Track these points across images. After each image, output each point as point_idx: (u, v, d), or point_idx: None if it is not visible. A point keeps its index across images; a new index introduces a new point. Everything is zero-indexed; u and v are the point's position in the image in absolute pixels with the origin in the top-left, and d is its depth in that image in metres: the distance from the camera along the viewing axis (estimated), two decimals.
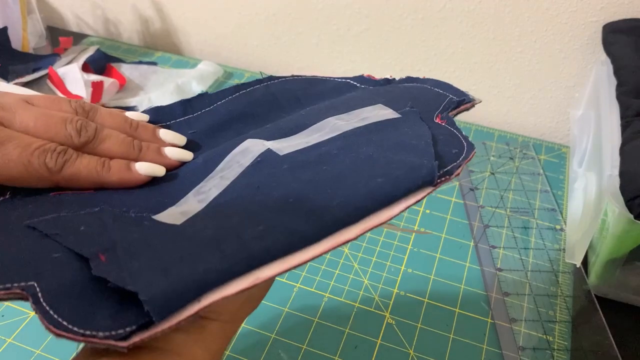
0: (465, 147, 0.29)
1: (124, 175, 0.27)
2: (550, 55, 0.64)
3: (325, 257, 0.51)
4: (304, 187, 0.25)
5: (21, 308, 0.47)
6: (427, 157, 0.27)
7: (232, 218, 0.24)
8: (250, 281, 0.21)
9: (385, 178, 0.25)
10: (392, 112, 0.33)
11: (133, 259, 0.21)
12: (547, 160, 0.63)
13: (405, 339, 0.45)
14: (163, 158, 0.29)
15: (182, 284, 0.20)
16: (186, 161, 0.30)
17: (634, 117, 0.48)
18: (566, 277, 0.50)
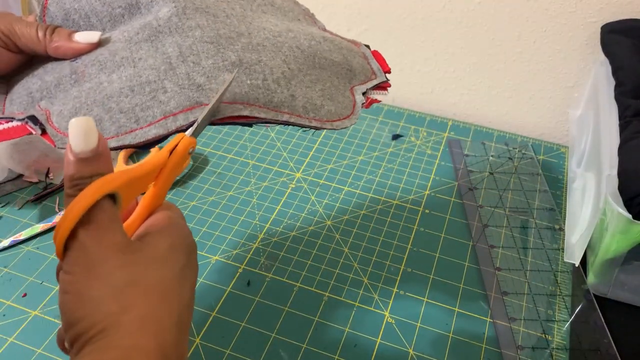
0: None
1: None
2: (549, 56, 0.64)
3: (325, 257, 0.52)
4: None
5: (22, 308, 0.47)
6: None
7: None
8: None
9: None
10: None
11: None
12: (546, 160, 0.64)
13: (405, 338, 0.45)
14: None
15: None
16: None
17: (632, 117, 0.49)
18: (565, 276, 0.50)
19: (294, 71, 0.36)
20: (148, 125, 0.30)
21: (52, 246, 0.52)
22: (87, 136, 0.25)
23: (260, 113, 0.32)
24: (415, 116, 0.70)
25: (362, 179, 0.60)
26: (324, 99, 0.36)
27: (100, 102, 0.31)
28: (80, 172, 0.25)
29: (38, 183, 0.59)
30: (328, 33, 0.43)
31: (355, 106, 0.38)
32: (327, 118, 0.36)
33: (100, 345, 0.23)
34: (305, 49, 0.37)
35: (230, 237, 0.53)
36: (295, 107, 0.34)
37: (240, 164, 0.62)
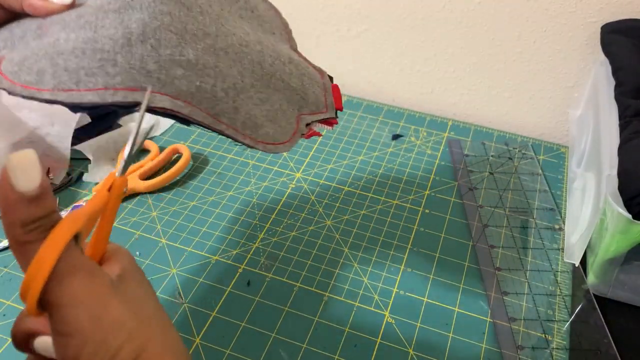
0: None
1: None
2: (549, 56, 0.64)
3: (325, 257, 0.52)
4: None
5: (22, 308, 0.47)
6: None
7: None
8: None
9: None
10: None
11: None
12: (546, 160, 0.64)
13: (405, 338, 0.45)
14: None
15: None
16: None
17: (632, 117, 0.49)
18: (565, 276, 0.50)
19: (246, 85, 0.36)
20: (87, 90, 0.30)
21: None
22: (32, 170, 0.21)
23: (198, 116, 0.32)
24: (415, 116, 0.70)
25: (362, 179, 0.60)
26: (266, 120, 0.37)
27: (50, 56, 0.31)
28: (33, 214, 0.22)
29: None
30: (297, 55, 0.43)
31: (295, 134, 0.38)
32: (262, 139, 0.36)
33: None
34: (266, 67, 0.37)
35: (230, 237, 0.53)
36: (235, 120, 0.35)
37: (240, 164, 0.62)
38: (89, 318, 0.22)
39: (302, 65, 0.41)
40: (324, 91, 0.42)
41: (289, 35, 0.44)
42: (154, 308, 0.26)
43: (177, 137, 0.66)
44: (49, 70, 0.31)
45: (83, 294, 0.22)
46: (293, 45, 0.44)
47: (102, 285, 0.23)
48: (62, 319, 0.22)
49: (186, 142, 0.65)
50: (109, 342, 0.22)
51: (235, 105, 0.35)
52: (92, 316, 0.22)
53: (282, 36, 0.43)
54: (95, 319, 0.22)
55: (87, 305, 0.22)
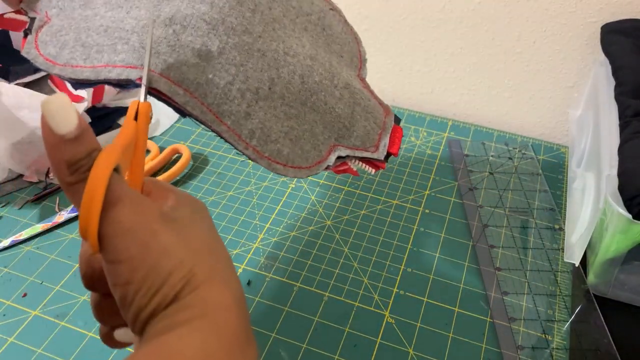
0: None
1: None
2: (549, 56, 0.64)
3: (325, 257, 0.52)
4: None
5: (23, 307, 0.47)
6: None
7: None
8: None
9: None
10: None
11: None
12: (546, 160, 0.64)
13: (405, 338, 0.45)
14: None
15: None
16: None
17: (632, 117, 0.49)
18: (565, 276, 0.50)
19: (273, 94, 0.33)
20: (90, 67, 0.30)
21: (52, 246, 0.52)
22: (68, 113, 0.22)
23: (195, 109, 0.30)
24: (415, 116, 0.70)
25: (362, 179, 0.60)
26: (284, 137, 0.33)
27: (78, 30, 0.31)
28: (76, 154, 0.22)
29: (38, 183, 0.59)
30: (361, 84, 0.39)
31: (320, 163, 0.35)
32: (270, 155, 0.33)
33: (175, 308, 0.22)
34: (309, 83, 0.34)
35: (230, 237, 0.53)
36: (241, 126, 0.32)
37: (240, 164, 0.62)
38: (138, 245, 0.22)
39: (360, 95, 0.38)
40: (380, 129, 0.38)
41: (360, 63, 0.41)
42: (205, 234, 0.25)
43: (177, 137, 0.66)
44: (70, 44, 0.31)
45: (130, 222, 0.23)
46: (362, 75, 0.40)
47: (149, 213, 0.23)
48: (112, 248, 0.22)
49: (186, 142, 0.65)
50: (159, 267, 0.22)
51: (248, 111, 0.32)
52: (141, 243, 0.22)
53: (351, 62, 0.40)
54: (144, 246, 0.22)
55: (135, 233, 0.22)
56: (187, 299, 0.22)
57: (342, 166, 0.37)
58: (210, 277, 0.23)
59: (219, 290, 0.23)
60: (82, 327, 0.45)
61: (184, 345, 0.21)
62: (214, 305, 0.23)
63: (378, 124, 0.38)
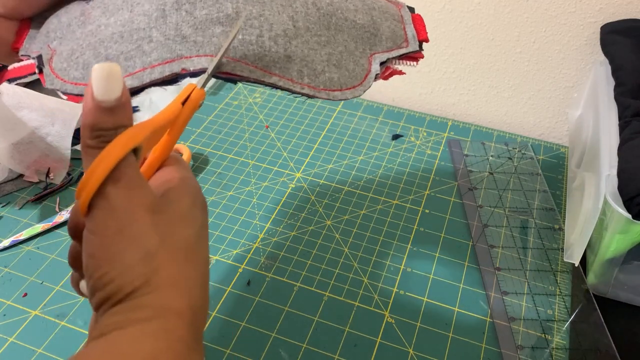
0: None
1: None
2: (549, 56, 0.64)
3: (325, 257, 0.52)
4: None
5: (23, 307, 0.47)
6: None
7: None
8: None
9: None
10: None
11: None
12: (546, 160, 0.64)
13: (405, 338, 0.45)
14: None
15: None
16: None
17: (632, 117, 0.49)
18: (565, 276, 0.50)
19: (299, 30, 0.33)
20: (126, 75, 0.30)
21: (53, 246, 0.52)
22: (111, 83, 0.23)
23: (243, 71, 0.30)
24: (415, 116, 0.70)
25: (362, 179, 0.60)
26: (328, 65, 0.34)
27: (93, 46, 0.31)
28: (103, 122, 0.23)
29: (38, 183, 0.59)
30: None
31: (368, 76, 0.35)
32: (325, 86, 0.33)
33: (130, 305, 0.22)
34: (323, 7, 0.35)
35: (230, 237, 0.54)
36: (289, 69, 0.32)
37: (240, 164, 0.62)
38: (114, 227, 0.23)
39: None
40: (402, 24, 0.39)
41: None
42: (186, 235, 0.25)
43: None
44: (92, 62, 0.31)
45: (117, 203, 0.23)
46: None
47: (139, 200, 0.24)
48: (93, 219, 0.23)
49: (186, 142, 0.65)
50: (123, 256, 0.23)
51: (287, 54, 0.32)
52: (117, 226, 0.23)
53: None
54: (119, 230, 0.23)
55: (116, 214, 0.23)
56: (142, 299, 0.22)
57: (387, 71, 0.38)
58: (173, 281, 0.23)
59: (175, 296, 0.23)
60: (82, 327, 0.45)
61: (134, 349, 0.21)
62: (166, 310, 0.23)
63: (397, 19, 0.39)
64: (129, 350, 0.21)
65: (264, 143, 0.65)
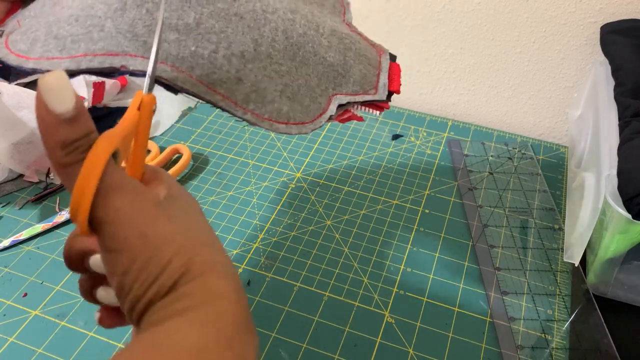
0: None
1: None
2: (549, 56, 0.64)
3: (325, 257, 0.52)
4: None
5: (23, 307, 0.47)
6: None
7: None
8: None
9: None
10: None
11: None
12: (546, 160, 0.64)
13: (405, 338, 0.45)
14: None
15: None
16: None
17: (632, 117, 0.49)
18: (565, 276, 0.50)
19: (260, 54, 0.32)
20: (67, 57, 0.29)
21: (53, 246, 0.52)
22: (65, 91, 0.21)
23: (185, 83, 0.30)
24: (415, 116, 0.70)
25: (362, 179, 0.60)
26: (280, 96, 0.33)
27: (49, 24, 0.30)
28: (72, 134, 0.21)
29: (38, 183, 0.59)
30: (348, 29, 0.39)
31: (322, 115, 0.34)
32: (270, 116, 0.32)
33: (174, 296, 0.22)
34: (293, 37, 0.34)
35: (230, 237, 0.54)
36: (235, 92, 0.31)
37: (240, 164, 0.62)
38: (136, 234, 0.22)
39: (350, 39, 0.37)
40: (377, 70, 0.38)
41: (344, 8, 0.40)
42: (201, 225, 0.25)
43: (177, 137, 0.66)
44: (41, 38, 0.30)
45: (130, 210, 0.22)
46: (347, 19, 0.40)
47: (148, 201, 0.23)
48: (110, 235, 0.22)
49: (186, 142, 0.65)
50: (157, 257, 0.22)
51: (238, 76, 0.31)
52: (140, 232, 0.22)
53: (334, 9, 0.39)
54: (143, 235, 0.22)
55: (134, 221, 0.22)
56: (185, 287, 0.22)
57: (345, 114, 0.37)
58: (210, 267, 0.23)
59: (218, 280, 0.23)
60: (82, 327, 0.45)
61: (181, 336, 0.20)
62: (213, 294, 0.22)
63: (373, 65, 0.38)
64: (177, 340, 0.20)
65: (264, 143, 0.65)
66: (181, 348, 0.20)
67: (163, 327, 0.21)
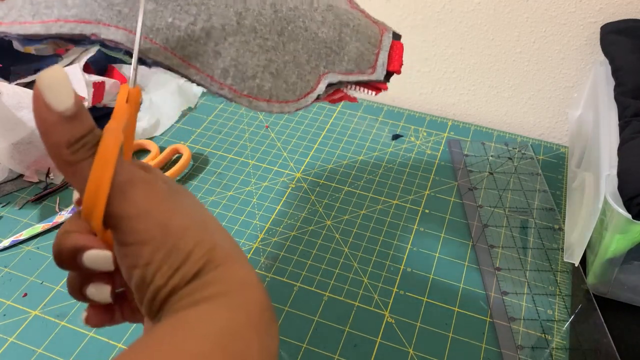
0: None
1: None
2: (549, 56, 0.64)
3: (325, 257, 0.52)
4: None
5: (23, 307, 0.47)
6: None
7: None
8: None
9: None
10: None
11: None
12: (546, 160, 0.64)
13: (405, 338, 0.45)
14: None
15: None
16: None
17: (632, 117, 0.49)
18: (565, 276, 0.50)
19: (243, 28, 0.31)
20: (39, 22, 0.29)
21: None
22: (65, 88, 0.20)
23: (158, 55, 0.28)
24: (415, 116, 0.70)
25: (362, 179, 0.60)
26: (263, 72, 0.31)
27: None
28: (78, 132, 0.21)
29: (38, 183, 0.59)
30: (347, 5, 0.37)
31: (309, 95, 0.32)
32: (249, 93, 0.31)
33: (199, 283, 0.22)
34: (282, 11, 0.32)
35: None
36: (212, 65, 0.30)
37: (240, 164, 0.62)
38: (157, 226, 0.22)
39: (348, 16, 0.35)
40: (377, 49, 0.36)
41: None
42: (210, 216, 0.25)
43: (177, 137, 0.66)
44: (19, 4, 0.30)
45: (148, 203, 0.22)
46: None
47: (161, 192, 0.23)
48: (130, 229, 0.22)
49: (186, 142, 0.65)
50: (180, 246, 0.22)
51: (217, 49, 0.30)
52: (160, 223, 0.22)
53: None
54: (164, 226, 0.22)
55: (153, 213, 0.22)
56: (209, 275, 0.22)
57: (337, 94, 0.35)
58: (231, 257, 0.23)
59: (240, 269, 0.23)
60: (82, 327, 0.45)
61: (211, 320, 0.20)
62: (240, 282, 0.22)
63: (373, 43, 0.36)
64: (207, 323, 0.20)
65: (264, 143, 0.65)
66: (211, 331, 0.20)
67: (191, 311, 0.21)
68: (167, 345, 0.19)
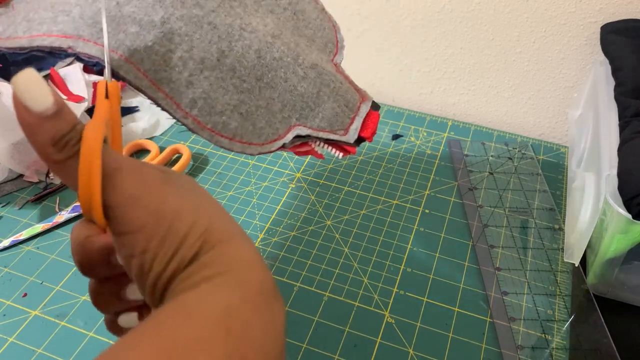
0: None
1: None
2: (549, 56, 0.64)
3: (325, 257, 0.52)
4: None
5: (23, 307, 0.47)
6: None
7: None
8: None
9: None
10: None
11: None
12: (546, 160, 0.64)
13: (405, 338, 0.45)
14: None
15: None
16: None
17: (632, 117, 0.49)
18: (565, 276, 0.50)
19: (222, 66, 0.32)
20: (27, 37, 0.30)
21: (53, 246, 0.52)
22: (42, 88, 0.21)
23: (129, 74, 0.29)
24: (415, 116, 0.70)
25: (362, 179, 0.60)
26: (232, 111, 0.32)
27: (27, 10, 0.31)
28: (60, 129, 0.21)
29: (38, 183, 0.59)
30: (333, 68, 0.38)
31: (275, 142, 0.33)
32: (214, 127, 0.31)
33: (196, 266, 0.21)
34: (266, 59, 0.33)
35: None
36: (181, 94, 0.30)
37: (240, 164, 0.62)
38: (149, 212, 0.22)
39: (331, 77, 0.37)
40: (353, 114, 0.37)
41: (334, 49, 0.40)
42: (209, 199, 0.25)
43: (177, 137, 0.66)
44: (17, 21, 0.31)
45: (136, 189, 0.22)
46: (336, 61, 0.39)
47: (152, 178, 0.23)
48: (121, 218, 0.22)
49: (186, 142, 0.65)
50: (174, 231, 0.22)
51: (190, 79, 0.31)
52: (152, 210, 0.22)
53: (325, 47, 0.39)
54: (156, 212, 0.22)
55: (143, 199, 0.22)
56: (206, 256, 0.22)
57: (303, 147, 0.36)
58: (227, 235, 0.23)
59: (238, 247, 0.23)
60: (82, 327, 0.45)
61: (208, 300, 0.20)
62: (236, 261, 0.22)
63: (350, 107, 0.37)
64: (205, 304, 0.20)
65: None
66: (209, 312, 0.20)
67: (191, 294, 0.21)
68: (167, 331, 0.19)
